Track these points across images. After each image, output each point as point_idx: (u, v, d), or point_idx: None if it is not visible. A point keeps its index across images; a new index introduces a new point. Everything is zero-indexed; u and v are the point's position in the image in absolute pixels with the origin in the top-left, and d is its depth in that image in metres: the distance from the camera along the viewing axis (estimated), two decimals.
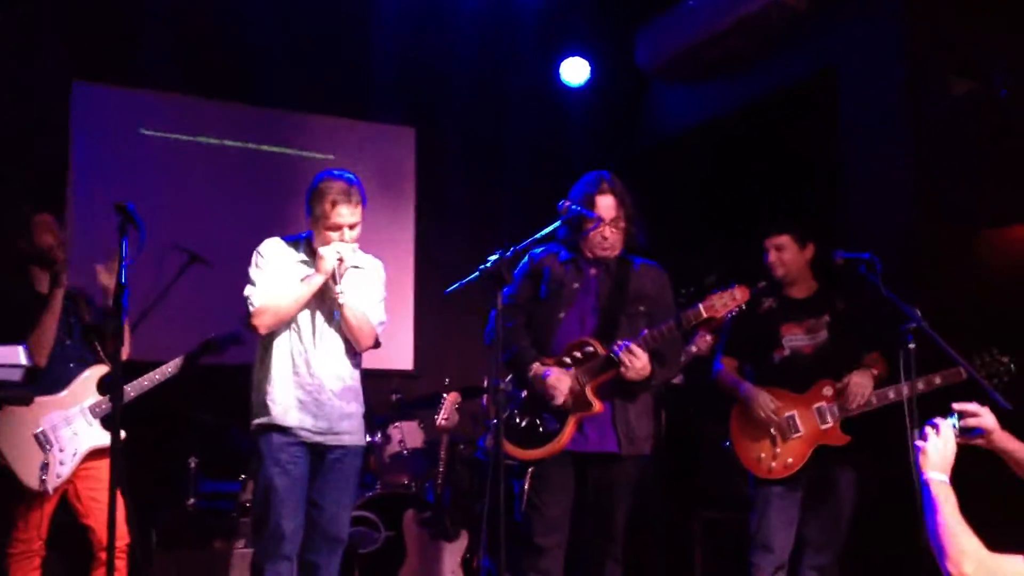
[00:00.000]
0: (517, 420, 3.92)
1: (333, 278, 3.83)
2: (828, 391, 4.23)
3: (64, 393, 4.20)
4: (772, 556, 4.21)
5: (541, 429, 3.89)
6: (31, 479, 4.03)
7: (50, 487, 4.04)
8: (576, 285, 3.99)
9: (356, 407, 3.98)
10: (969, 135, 4.99)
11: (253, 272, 3.90)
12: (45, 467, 4.04)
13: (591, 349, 3.86)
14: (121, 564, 4.07)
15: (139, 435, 4.25)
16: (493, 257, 3.52)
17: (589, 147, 6.90)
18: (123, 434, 3.35)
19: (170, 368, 4.34)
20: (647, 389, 3.94)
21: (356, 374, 4.00)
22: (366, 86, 6.58)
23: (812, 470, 4.22)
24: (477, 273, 3.54)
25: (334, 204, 3.82)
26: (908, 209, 5.17)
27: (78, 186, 5.67)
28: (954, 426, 2.54)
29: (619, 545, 3.94)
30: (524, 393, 3.94)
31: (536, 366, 3.90)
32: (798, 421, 4.24)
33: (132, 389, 4.25)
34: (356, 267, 3.96)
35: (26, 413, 4.07)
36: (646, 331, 3.83)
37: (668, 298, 4.11)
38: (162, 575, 4.43)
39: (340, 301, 3.83)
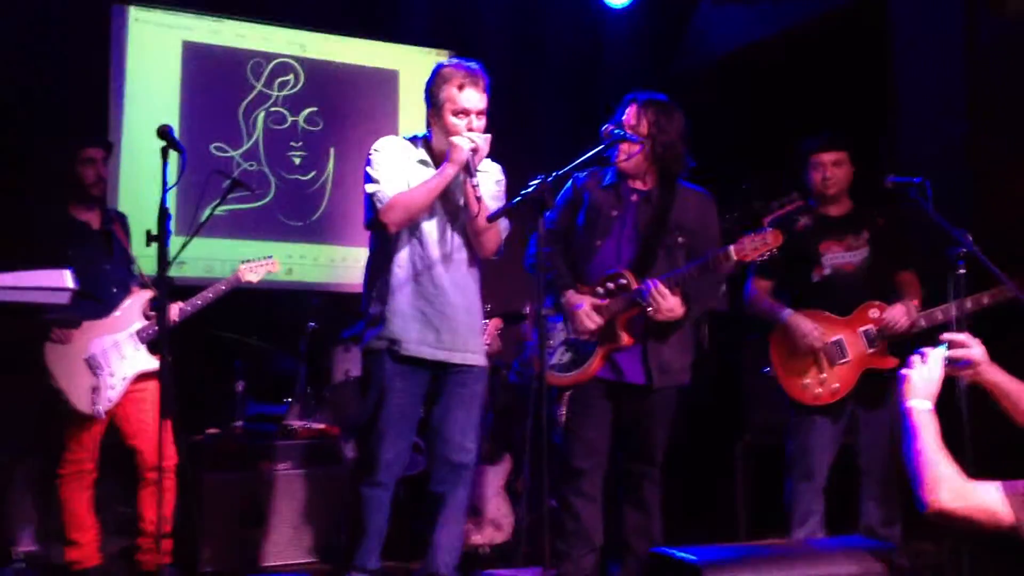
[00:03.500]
0: (551, 344, 3.91)
1: (467, 170, 3.55)
2: (875, 313, 4.11)
3: (112, 317, 4.26)
4: (814, 482, 4.16)
5: (571, 356, 3.87)
6: (83, 403, 4.11)
7: (101, 410, 4.12)
8: (614, 213, 3.90)
9: (480, 324, 3.80)
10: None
11: (372, 170, 3.64)
12: (96, 391, 4.12)
13: (624, 282, 3.80)
14: (169, 484, 4.16)
15: (186, 359, 4.32)
16: (535, 182, 3.47)
17: (633, 69, 6.77)
18: (168, 359, 3.40)
19: (211, 294, 4.36)
20: (680, 326, 3.86)
21: (478, 289, 3.82)
22: (401, 8, 6.48)
23: (858, 395, 4.14)
24: (519, 198, 3.50)
25: (462, 87, 3.58)
26: (961, 132, 5.05)
27: (118, 110, 5.67)
28: (943, 357, 2.51)
29: (657, 468, 3.95)
30: (559, 317, 3.93)
31: (570, 294, 3.86)
32: (846, 345, 4.16)
33: (176, 314, 4.29)
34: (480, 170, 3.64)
35: (76, 338, 4.14)
36: (674, 271, 3.74)
37: (711, 227, 3.97)
38: (209, 496, 4.51)
39: (477, 195, 3.52)
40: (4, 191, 4.84)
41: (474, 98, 3.61)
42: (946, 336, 2.64)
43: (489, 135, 3.64)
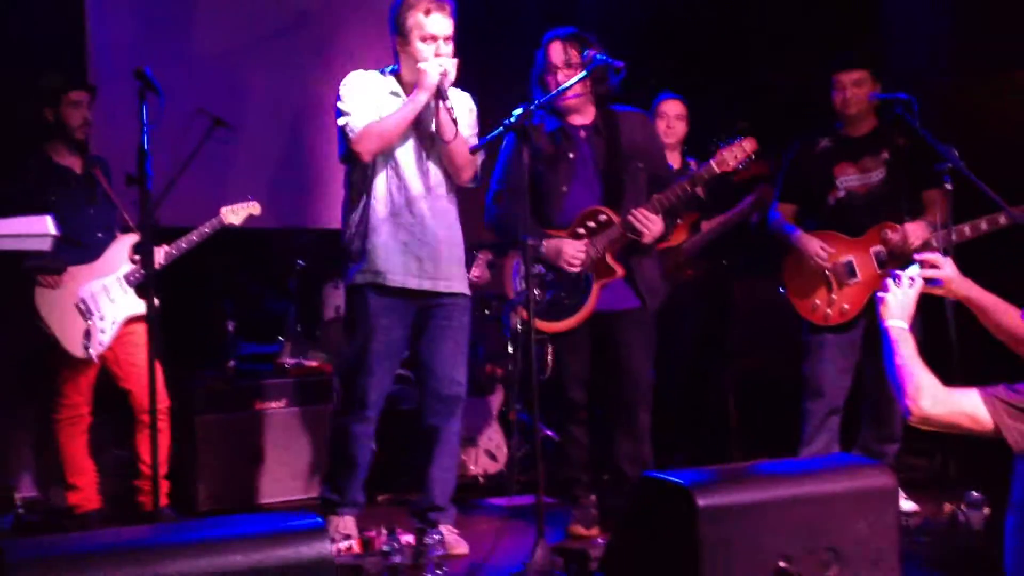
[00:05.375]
0: (539, 294, 3.93)
1: (439, 94, 3.56)
2: (887, 234, 4.11)
3: (99, 262, 4.26)
4: (823, 400, 4.21)
5: (566, 300, 3.94)
6: (76, 347, 4.14)
7: (94, 354, 4.15)
8: (572, 155, 3.95)
9: (461, 253, 3.83)
10: None
11: (342, 103, 3.65)
12: (88, 335, 4.15)
13: (604, 217, 3.88)
14: (163, 425, 4.19)
15: (175, 300, 4.32)
16: (517, 111, 3.47)
17: None
18: (156, 301, 3.40)
19: (195, 236, 4.35)
20: (654, 247, 4.00)
21: (456, 216, 3.83)
22: None
23: (871, 316, 4.11)
24: (501, 128, 3.49)
25: (428, 12, 3.58)
26: (946, 48, 5.01)
27: (96, 48, 5.54)
28: (916, 276, 2.66)
29: (647, 393, 4.02)
30: (541, 268, 3.95)
31: (548, 242, 3.90)
32: (855, 266, 4.16)
33: (162, 257, 4.27)
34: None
35: (66, 283, 4.15)
36: (662, 194, 3.84)
37: (659, 146, 4.16)
38: (204, 436, 4.54)
39: (453, 116, 3.54)
40: None
41: (441, 23, 3.61)
42: (918, 256, 2.76)
43: (457, 60, 3.63)
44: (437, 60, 3.57)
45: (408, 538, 3.56)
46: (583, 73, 3.71)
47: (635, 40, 5.98)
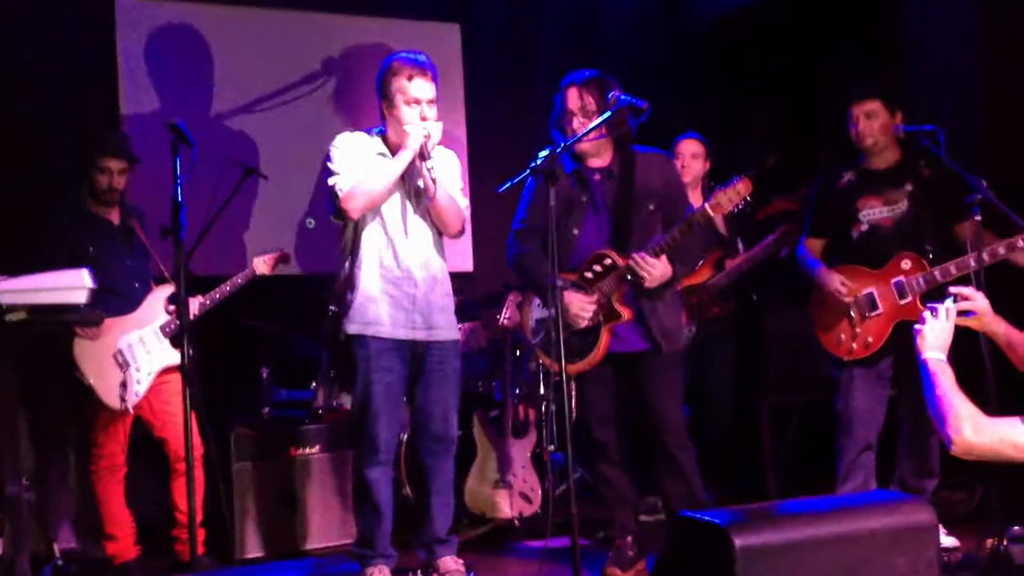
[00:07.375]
0: (553, 336, 3.94)
1: (422, 155, 3.73)
2: (907, 264, 4.08)
3: (136, 313, 4.31)
4: (856, 436, 4.17)
5: (577, 343, 3.93)
6: (112, 398, 4.19)
7: (130, 405, 4.20)
8: (584, 198, 3.97)
9: (448, 301, 3.97)
10: None
11: (332, 164, 3.84)
12: (124, 386, 4.19)
13: (609, 261, 3.88)
14: (198, 473, 4.21)
15: (210, 349, 4.35)
16: (543, 153, 3.50)
17: (639, 33, 6.69)
18: (191, 352, 3.44)
19: (228, 287, 4.42)
20: (670, 288, 3.96)
21: (444, 267, 3.98)
22: None
23: (898, 348, 4.08)
24: (528, 170, 3.52)
25: (411, 78, 3.78)
26: (975, 74, 4.99)
27: (129, 98, 5.61)
28: (950, 309, 2.71)
29: (682, 431, 3.98)
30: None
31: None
32: (876, 298, 4.13)
33: (196, 308, 4.32)
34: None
35: (104, 335, 4.20)
36: (658, 238, 3.83)
37: (677, 186, 4.12)
38: (240, 484, 4.55)
39: (432, 176, 3.72)
40: (24, 188, 4.85)
41: (424, 88, 3.80)
42: (952, 289, 2.80)
43: (440, 123, 3.81)
44: (422, 123, 3.76)
45: None
46: (607, 114, 3.70)
47: (664, 76, 6.04)
